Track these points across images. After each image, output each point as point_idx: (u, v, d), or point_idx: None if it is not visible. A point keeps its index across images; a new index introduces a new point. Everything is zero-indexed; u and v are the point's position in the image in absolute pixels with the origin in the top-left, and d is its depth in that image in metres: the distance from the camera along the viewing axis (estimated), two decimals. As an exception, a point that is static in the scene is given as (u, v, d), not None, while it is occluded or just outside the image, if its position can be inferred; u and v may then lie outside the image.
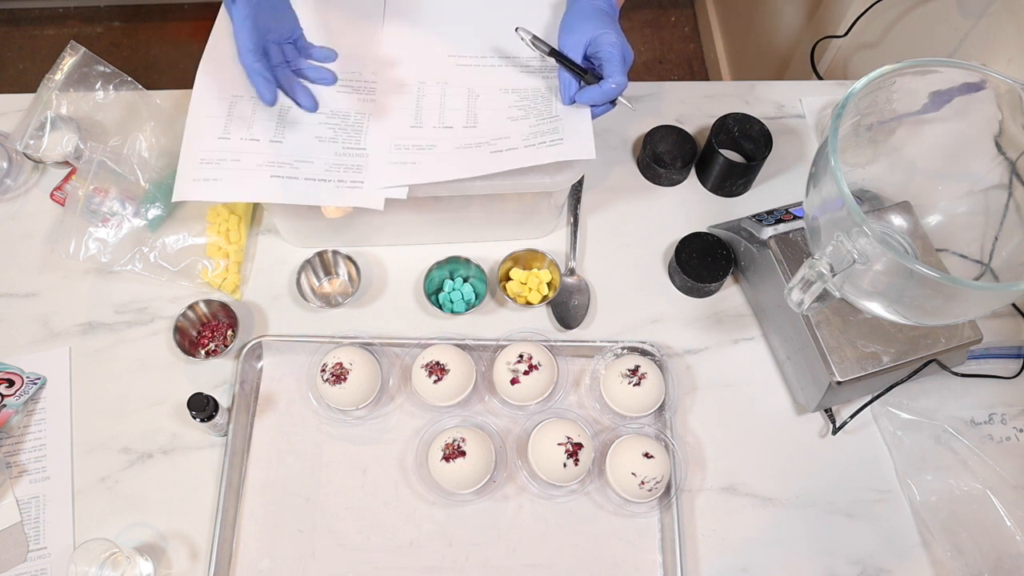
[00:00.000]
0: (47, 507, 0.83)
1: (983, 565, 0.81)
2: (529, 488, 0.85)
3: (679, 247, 0.95)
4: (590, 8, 0.85)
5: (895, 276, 0.69)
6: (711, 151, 1.00)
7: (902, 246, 0.84)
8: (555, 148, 0.82)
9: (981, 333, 0.84)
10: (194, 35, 2.23)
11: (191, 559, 0.81)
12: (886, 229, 0.85)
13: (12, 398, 0.85)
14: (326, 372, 0.84)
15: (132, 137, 0.96)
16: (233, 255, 0.94)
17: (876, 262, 0.67)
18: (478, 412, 0.88)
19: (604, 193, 1.03)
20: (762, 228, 0.89)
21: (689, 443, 0.89)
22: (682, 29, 2.31)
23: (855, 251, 0.67)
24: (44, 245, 0.96)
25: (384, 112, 0.86)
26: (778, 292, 0.86)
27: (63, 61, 0.99)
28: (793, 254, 0.86)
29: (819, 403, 0.85)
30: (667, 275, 0.98)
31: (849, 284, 0.73)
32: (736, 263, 0.95)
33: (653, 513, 0.85)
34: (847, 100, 0.71)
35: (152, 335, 0.92)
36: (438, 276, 0.95)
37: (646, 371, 0.85)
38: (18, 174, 0.99)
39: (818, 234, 0.74)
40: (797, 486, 0.87)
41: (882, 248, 0.64)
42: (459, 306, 0.94)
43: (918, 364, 0.83)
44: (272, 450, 0.87)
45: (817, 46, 1.37)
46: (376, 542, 0.83)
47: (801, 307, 0.74)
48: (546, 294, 0.95)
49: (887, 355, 0.82)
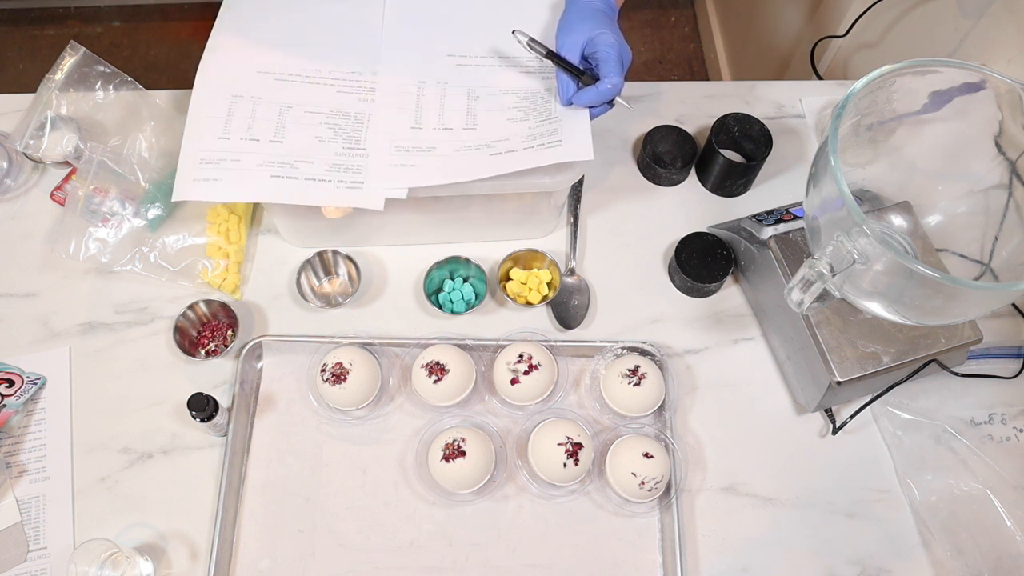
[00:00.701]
0: (47, 507, 0.83)
1: (983, 565, 0.81)
2: (529, 488, 0.85)
3: (679, 247, 0.95)
4: (588, 8, 0.85)
5: (895, 276, 0.69)
6: (711, 151, 1.00)
7: (902, 246, 0.84)
8: (554, 150, 0.82)
9: (981, 333, 0.84)
10: (194, 35, 2.23)
11: (191, 559, 0.81)
12: (886, 229, 0.85)
13: (12, 398, 0.85)
14: (326, 372, 0.84)
15: (132, 137, 0.96)
16: (233, 255, 0.94)
17: (876, 262, 0.67)
18: (478, 412, 0.88)
19: (604, 193, 1.03)
20: (762, 228, 0.89)
21: (689, 443, 0.89)
22: (682, 29, 2.31)
23: (855, 251, 0.67)
24: (44, 245, 0.96)
25: (384, 112, 0.86)
26: (778, 292, 0.86)
27: (63, 61, 0.99)
28: (793, 254, 0.86)
29: (819, 403, 0.85)
30: (667, 275, 0.98)
31: (849, 284, 0.73)
32: (736, 263, 0.95)
33: (653, 513, 0.85)
34: (847, 100, 0.71)
35: (152, 335, 0.92)
36: (438, 276, 0.95)
37: (646, 371, 0.85)
38: (18, 174, 0.99)
39: (818, 234, 0.74)
40: (797, 486, 0.87)
41: (882, 248, 0.64)
42: (459, 306, 0.94)
43: (918, 364, 0.83)
44: (272, 450, 0.87)
45: (817, 46, 1.37)
46: (376, 542, 0.83)
47: (801, 307, 0.74)
48: (546, 294, 0.95)
49: (887, 355, 0.82)
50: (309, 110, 0.85)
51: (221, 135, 0.83)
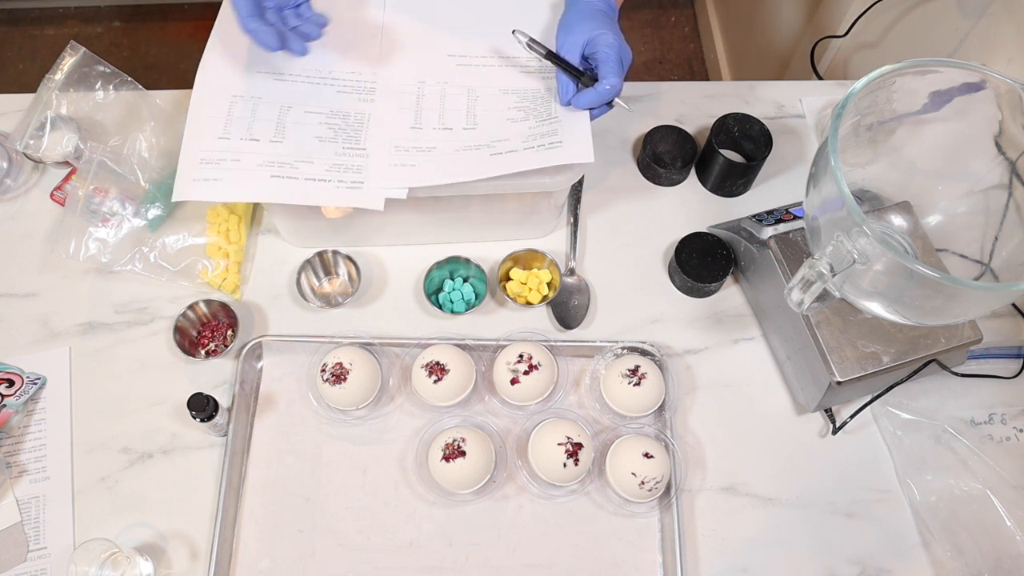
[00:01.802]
0: (47, 507, 0.83)
1: (983, 565, 0.81)
2: (529, 488, 0.85)
3: (679, 247, 0.95)
4: (588, 8, 0.85)
5: (895, 276, 0.69)
6: (711, 151, 1.00)
7: (902, 246, 0.84)
8: (554, 151, 0.82)
9: (981, 333, 0.84)
10: (194, 35, 2.23)
11: (191, 559, 0.81)
12: (886, 229, 0.85)
13: (12, 398, 0.85)
14: (326, 372, 0.84)
15: (132, 137, 0.96)
16: (233, 255, 0.94)
17: (876, 262, 0.67)
18: (478, 412, 0.88)
19: (604, 193, 1.03)
20: (762, 228, 0.89)
21: (689, 443, 0.89)
22: (682, 29, 2.31)
23: (855, 251, 0.67)
24: (44, 245, 0.96)
25: (384, 112, 0.86)
26: (778, 292, 0.86)
27: (63, 61, 0.99)
28: (793, 254, 0.86)
29: (819, 403, 0.85)
30: (667, 275, 0.98)
31: (849, 284, 0.73)
32: (736, 263, 0.95)
33: (653, 513, 0.85)
34: (847, 100, 0.71)
35: (152, 335, 0.92)
36: (438, 276, 0.95)
37: (646, 371, 0.85)
38: (18, 174, 0.99)
39: (818, 234, 0.74)
40: (797, 486, 0.87)
41: (882, 248, 0.64)
42: (459, 306, 0.94)
43: (918, 364, 0.83)
44: (272, 450, 0.87)
45: (817, 46, 1.37)
46: (376, 542, 0.83)
47: (801, 307, 0.74)
48: (546, 294, 0.95)
49: (887, 355, 0.82)
50: (309, 110, 0.85)
51: (221, 135, 0.83)
